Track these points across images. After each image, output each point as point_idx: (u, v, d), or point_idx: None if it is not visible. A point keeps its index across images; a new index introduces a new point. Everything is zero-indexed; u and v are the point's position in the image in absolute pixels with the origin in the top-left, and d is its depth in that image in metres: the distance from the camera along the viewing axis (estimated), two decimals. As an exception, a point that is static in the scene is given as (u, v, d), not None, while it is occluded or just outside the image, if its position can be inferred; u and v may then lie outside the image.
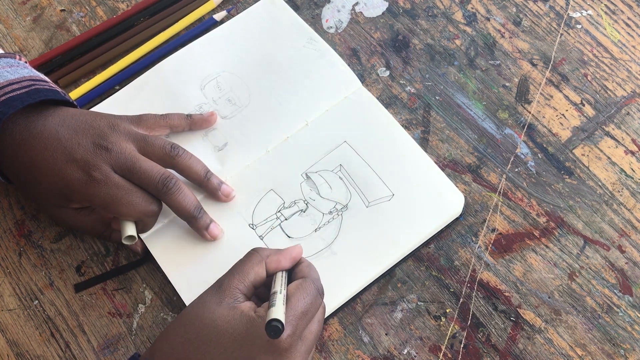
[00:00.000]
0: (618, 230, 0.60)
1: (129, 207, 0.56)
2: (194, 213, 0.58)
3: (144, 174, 0.56)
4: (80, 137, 0.56)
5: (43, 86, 0.57)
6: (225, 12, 0.71)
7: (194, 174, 0.59)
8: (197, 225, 0.58)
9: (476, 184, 0.62)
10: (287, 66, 0.67)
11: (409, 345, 0.57)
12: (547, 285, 0.58)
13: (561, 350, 0.56)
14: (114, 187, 0.55)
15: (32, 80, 0.57)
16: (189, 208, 0.57)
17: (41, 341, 0.59)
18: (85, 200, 0.56)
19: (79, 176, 0.55)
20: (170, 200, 0.57)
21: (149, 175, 0.56)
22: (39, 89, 0.56)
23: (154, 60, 0.69)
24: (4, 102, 0.54)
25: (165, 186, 0.56)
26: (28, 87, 0.56)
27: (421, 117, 0.65)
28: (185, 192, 0.57)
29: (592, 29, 0.68)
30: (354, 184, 0.61)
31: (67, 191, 0.55)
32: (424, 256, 0.60)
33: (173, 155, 0.58)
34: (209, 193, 0.60)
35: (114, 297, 0.60)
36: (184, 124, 0.62)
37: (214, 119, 0.64)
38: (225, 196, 0.60)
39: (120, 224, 0.57)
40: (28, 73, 0.58)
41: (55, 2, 0.72)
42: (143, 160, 0.56)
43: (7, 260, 0.62)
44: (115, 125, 0.58)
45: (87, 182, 0.55)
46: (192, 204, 0.58)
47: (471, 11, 0.69)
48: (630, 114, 0.64)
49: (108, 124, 0.57)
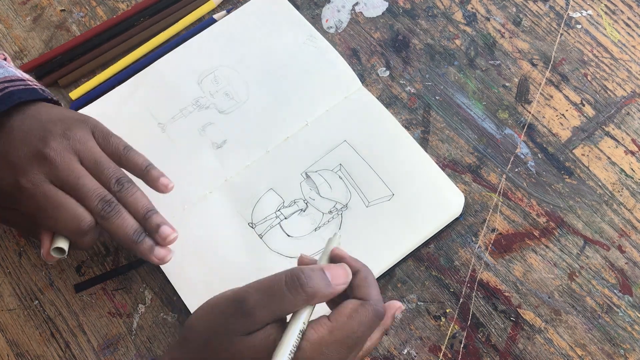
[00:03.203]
0: (618, 230, 0.60)
1: (55, 221, 0.52)
2: (133, 238, 0.53)
3: (82, 192, 0.53)
4: (28, 139, 0.53)
5: (18, 86, 0.55)
6: (225, 12, 0.71)
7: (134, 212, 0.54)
8: (139, 251, 0.53)
9: (476, 184, 0.62)
10: (287, 62, 0.67)
11: (409, 345, 0.57)
12: (547, 285, 0.58)
13: (561, 351, 0.56)
14: (42, 198, 0.52)
15: (8, 81, 0.55)
16: (128, 234, 0.53)
17: (41, 341, 0.59)
18: (15, 204, 0.53)
19: (10, 180, 0.52)
20: (107, 225, 0.53)
21: (86, 195, 0.52)
22: (13, 92, 0.54)
23: (154, 60, 0.68)
24: None
25: (103, 209, 0.53)
26: (2, 89, 0.54)
27: (421, 117, 0.65)
28: (124, 216, 0.53)
29: (592, 29, 0.68)
30: (353, 184, 0.61)
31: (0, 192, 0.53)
32: (424, 256, 0.60)
33: (115, 190, 0.54)
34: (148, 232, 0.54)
35: (114, 297, 0.60)
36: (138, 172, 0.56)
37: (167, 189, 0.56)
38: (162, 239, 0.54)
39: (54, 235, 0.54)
40: (2, 74, 0.56)
41: (55, 2, 0.72)
42: (85, 177, 0.53)
43: (7, 260, 0.62)
44: (71, 131, 0.54)
45: (14, 187, 0.52)
46: (131, 229, 0.53)
47: (471, 11, 0.69)
48: (630, 114, 0.64)
49: (62, 130, 0.54)
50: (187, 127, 0.64)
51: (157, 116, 0.65)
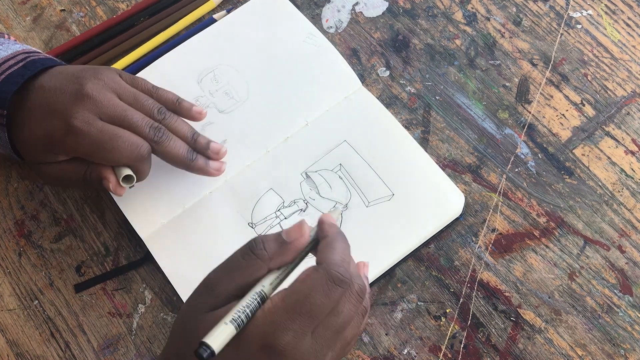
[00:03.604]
0: (618, 230, 0.60)
1: (115, 152, 0.54)
2: (188, 157, 0.58)
3: (131, 121, 0.55)
4: (65, 87, 0.55)
5: (38, 56, 0.57)
6: (225, 12, 0.71)
7: (181, 137, 0.59)
8: (195, 168, 0.58)
9: (476, 184, 0.62)
10: (287, 61, 0.67)
11: (409, 346, 0.57)
12: (547, 285, 0.58)
13: (561, 351, 0.56)
14: (98, 133, 0.54)
15: (26, 53, 0.57)
16: (182, 154, 0.57)
17: (41, 341, 0.59)
18: (70, 150, 0.55)
19: (59, 126, 0.54)
20: (162, 149, 0.57)
21: (136, 124, 0.55)
22: (35, 60, 0.57)
23: (154, 60, 0.69)
24: (5, 81, 0.55)
25: (155, 135, 0.56)
26: (24, 59, 0.56)
27: (421, 117, 0.65)
28: (174, 140, 0.57)
29: (592, 28, 0.68)
30: (353, 184, 0.61)
31: (50, 143, 0.55)
32: (424, 256, 0.60)
33: (159, 119, 0.58)
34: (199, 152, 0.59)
35: (114, 297, 0.60)
36: (171, 106, 0.60)
37: (200, 116, 0.61)
38: (214, 153, 0.60)
39: (115, 168, 0.56)
40: (20, 47, 0.58)
41: (55, 2, 0.72)
42: (129, 109, 0.56)
43: (7, 260, 0.62)
44: (101, 74, 0.57)
45: (67, 131, 0.54)
46: (184, 149, 0.58)
47: (471, 11, 0.69)
48: (631, 114, 0.64)
49: (93, 73, 0.57)
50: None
51: None
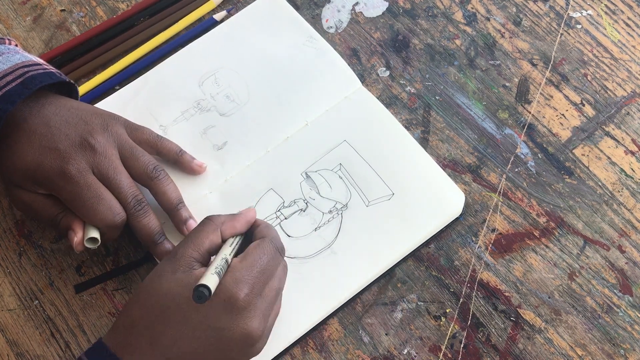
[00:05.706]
0: (618, 230, 0.60)
1: (92, 211, 0.55)
2: (155, 239, 0.57)
3: (119, 188, 0.56)
4: (71, 129, 0.56)
5: (37, 70, 0.57)
6: (225, 12, 0.71)
7: (167, 201, 0.58)
8: (157, 251, 0.58)
9: (476, 184, 0.62)
10: (287, 64, 0.67)
11: (409, 345, 0.57)
12: (547, 285, 0.58)
13: (561, 351, 0.56)
14: (85, 187, 0.55)
15: (26, 66, 0.57)
16: (151, 233, 0.57)
17: (41, 341, 0.59)
18: (54, 190, 0.55)
19: (55, 165, 0.55)
20: (135, 222, 0.57)
21: (122, 192, 0.56)
22: (34, 76, 0.56)
23: (154, 60, 0.69)
24: (2, 98, 0.54)
25: (134, 208, 0.56)
26: (22, 75, 0.56)
27: (421, 117, 0.65)
28: (151, 217, 0.57)
29: (592, 29, 0.68)
30: (354, 183, 0.61)
31: (39, 176, 0.55)
32: (424, 256, 0.60)
33: (153, 177, 0.58)
34: (175, 223, 0.59)
35: (114, 297, 0.60)
36: (173, 157, 0.61)
37: (201, 169, 0.62)
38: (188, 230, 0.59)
39: (85, 225, 0.57)
40: (20, 59, 0.57)
41: (55, 2, 0.72)
42: (123, 174, 0.56)
43: (7, 260, 0.62)
44: (109, 126, 0.57)
45: (59, 173, 0.55)
46: (155, 230, 0.57)
47: (471, 11, 0.69)
48: (630, 114, 0.64)
49: (102, 124, 0.57)
50: (188, 129, 0.64)
51: (158, 118, 0.65)
